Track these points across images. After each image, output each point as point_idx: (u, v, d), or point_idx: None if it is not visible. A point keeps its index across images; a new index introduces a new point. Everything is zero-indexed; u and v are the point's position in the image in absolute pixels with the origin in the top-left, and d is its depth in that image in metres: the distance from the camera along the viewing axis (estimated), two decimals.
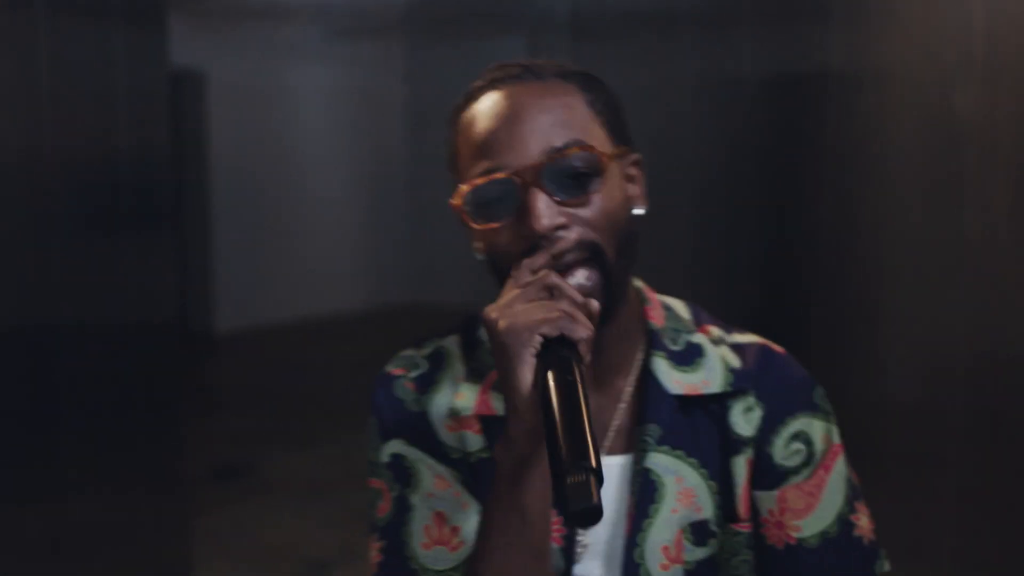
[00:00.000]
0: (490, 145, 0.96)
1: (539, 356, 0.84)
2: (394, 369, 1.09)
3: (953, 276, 2.50)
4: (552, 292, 0.87)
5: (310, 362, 6.96)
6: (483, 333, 1.09)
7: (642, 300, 1.09)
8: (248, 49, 7.74)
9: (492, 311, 0.87)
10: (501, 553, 0.92)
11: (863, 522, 1.05)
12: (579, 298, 0.87)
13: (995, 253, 2.45)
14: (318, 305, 8.36)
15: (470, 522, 1.02)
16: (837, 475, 1.04)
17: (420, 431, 1.06)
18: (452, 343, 1.11)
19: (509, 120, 0.96)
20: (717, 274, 3.44)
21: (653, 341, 1.06)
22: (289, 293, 8.30)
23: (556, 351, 0.83)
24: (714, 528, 1.04)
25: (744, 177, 3.24)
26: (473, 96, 1.02)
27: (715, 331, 1.10)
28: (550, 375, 0.81)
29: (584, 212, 0.95)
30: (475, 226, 0.97)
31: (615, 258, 0.97)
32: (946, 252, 2.52)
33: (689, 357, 1.06)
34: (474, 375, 1.06)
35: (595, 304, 0.88)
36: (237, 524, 3.99)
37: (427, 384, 1.07)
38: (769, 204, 3.09)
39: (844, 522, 1.03)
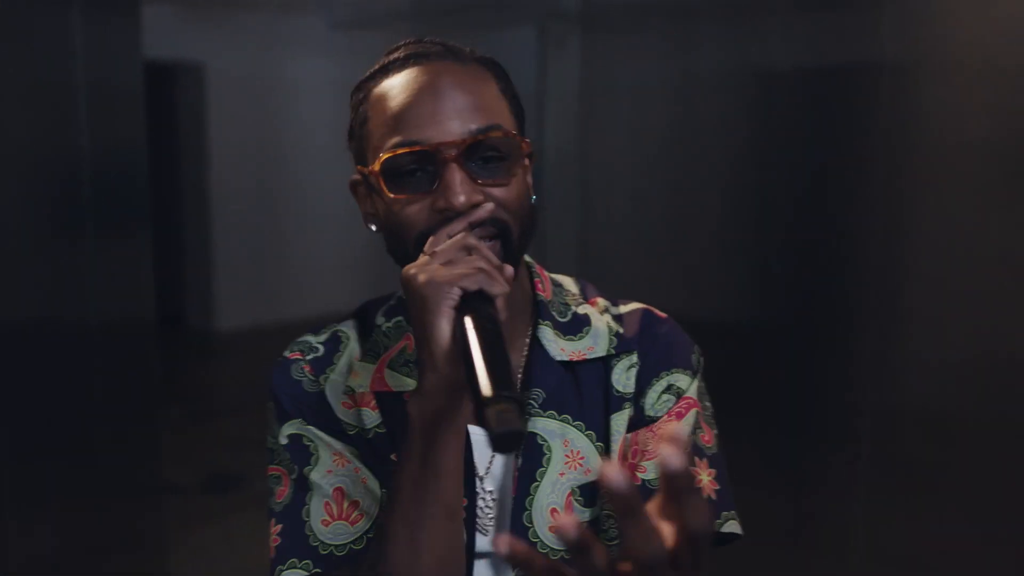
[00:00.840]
0: (411, 119, 0.97)
1: (457, 310, 0.87)
2: (291, 354, 1.13)
3: (999, 282, 2.41)
4: (470, 252, 0.91)
5: None
6: (379, 318, 1.14)
7: (532, 275, 1.13)
8: (249, 40, 7.55)
9: (411, 268, 0.91)
10: (414, 510, 0.93)
11: (703, 479, 1.05)
12: (495, 260, 0.91)
13: None
14: (320, 303, 8.18)
15: (369, 497, 1.05)
16: (686, 425, 1.06)
17: (317, 410, 1.08)
18: (348, 327, 1.15)
19: (431, 96, 0.98)
20: (743, 273, 3.31)
21: (541, 312, 1.11)
22: (291, 291, 8.12)
23: (474, 305, 0.86)
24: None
25: (773, 173, 3.10)
26: (389, 69, 1.03)
27: (601, 302, 1.15)
28: (468, 320, 0.84)
29: (498, 193, 0.99)
30: (389, 196, 0.99)
31: (519, 239, 1.01)
32: (992, 256, 2.41)
33: (576, 327, 1.10)
34: (369, 355, 1.11)
35: (510, 269, 0.92)
36: (223, 540, 3.79)
37: (323, 365, 1.11)
38: (796, 202, 2.96)
39: (694, 446, 1.06)
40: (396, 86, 1.01)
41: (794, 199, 2.99)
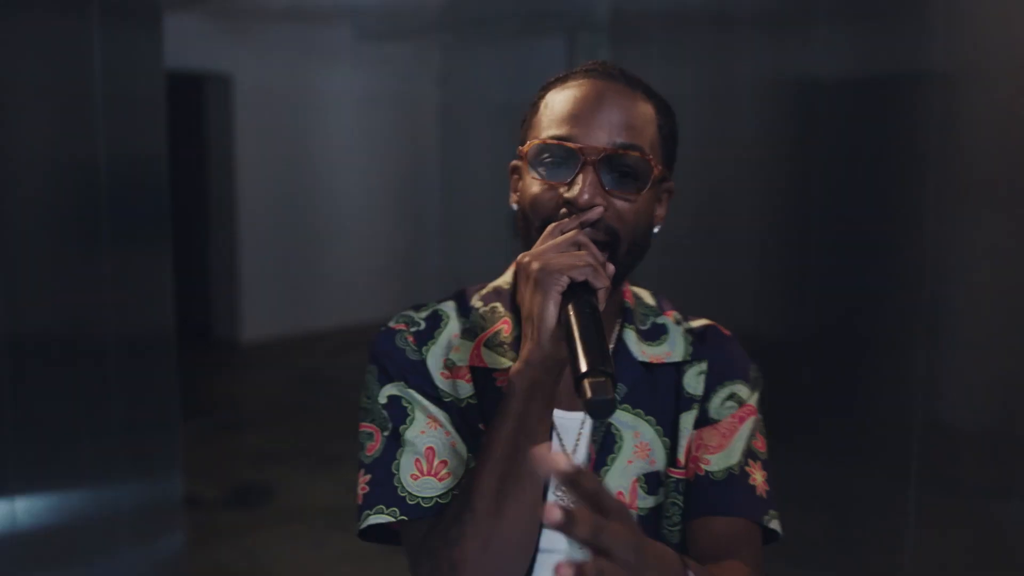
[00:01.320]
0: (569, 118, 1.11)
1: (564, 295, 0.99)
2: (395, 324, 1.23)
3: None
4: (580, 247, 1.03)
5: (338, 376, 6.72)
6: (475, 302, 1.25)
7: (620, 284, 1.24)
8: (277, 52, 7.54)
9: (526, 256, 1.05)
10: (505, 465, 1.03)
11: (757, 478, 1.19)
12: (601, 257, 1.04)
13: None
14: (347, 314, 8.15)
15: (456, 459, 1.15)
16: (746, 429, 1.21)
17: (418, 376, 1.19)
18: (448, 307, 1.25)
19: (593, 104, 1.12)
20: (781, 282, 3.25)
21: (627, 317, 1.24)
22: (317, 302, 8.10)
23: (578, 294, 0.99)
24: (664, 479, 1.19)
25: (812, 185, 3.04)
26: (568, 78, 1.17)
27: (675, 315, 1.29)
28: (571, 306, 0.97)
29: (619, 205, 1.10)
30: (529, 175, 1.13)
31: (626, 254, 1.12)
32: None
33: (655, 334, 1.24)
34: (468, 334, 1.22)
35: (612, 267, 1.06)
36: (246, 555, 3.73)
37: (425, 338, 1.22)
38: (838, 214, 2.90)
39: (743, 468, 1.18)
40: (568, 89, 1.15)
41: (836, 212, 2.93)
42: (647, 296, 1.31)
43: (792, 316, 3.18)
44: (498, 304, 1.24)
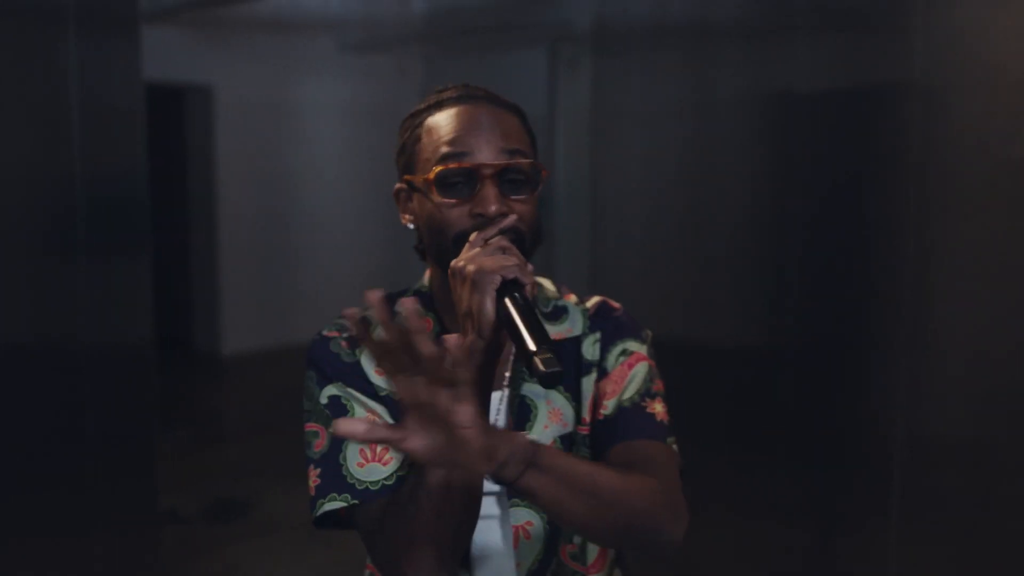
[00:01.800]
0: (458, 141, 1.27)
1: (497, 291, 1.16)
2: (328, 332, 1.40)
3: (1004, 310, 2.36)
4: (504, 252, 1.19)
5: None
6: (400, 307, 1.26)
7: None
8: (258, 63, 7.52)
9: (460, 260, 1.20)
10: None
11: (657, 408, 1.35)
12: (523, 259, 1.20)
13: None
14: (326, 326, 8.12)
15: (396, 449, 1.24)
16: (637, 372, 1.38)
17: (354, 376, 1.35)
18: (373, 313, 1.30)
19: (475, 125, 1.29)
20: (759, 296, 3.25)
21: None
22: (298, 315, 8.06)
23: (510, 289, 1.16)
24: (575, 438, 1.37)
25: (792, 195, 3.05)
26: (442, 104, 1.33)
27: (574, 297, 1.47)
28: (508, 300, 1.15)
29: (519, 207, 1.27)
30: (438, 198, 1.27)
31: (531, 246, 1.29)
32: (1013, 278, 2.36)
33: (557, 315, 1.43)
34: None
35: (531, 266, 1.21)
36: (230, 569, 3.70)
37: (357, 343, 1.37)
38: (817, 224, 2.91)
39: (636, 404, 1.34)
40: (448, 116, 1.31)
41: (815, 221, 2.94)
42: (548, 283, 1.50)
43: (769, 326, 3.19)
44: (420, 306, 1.31)
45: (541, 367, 1.06)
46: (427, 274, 1.45)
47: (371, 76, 8.33)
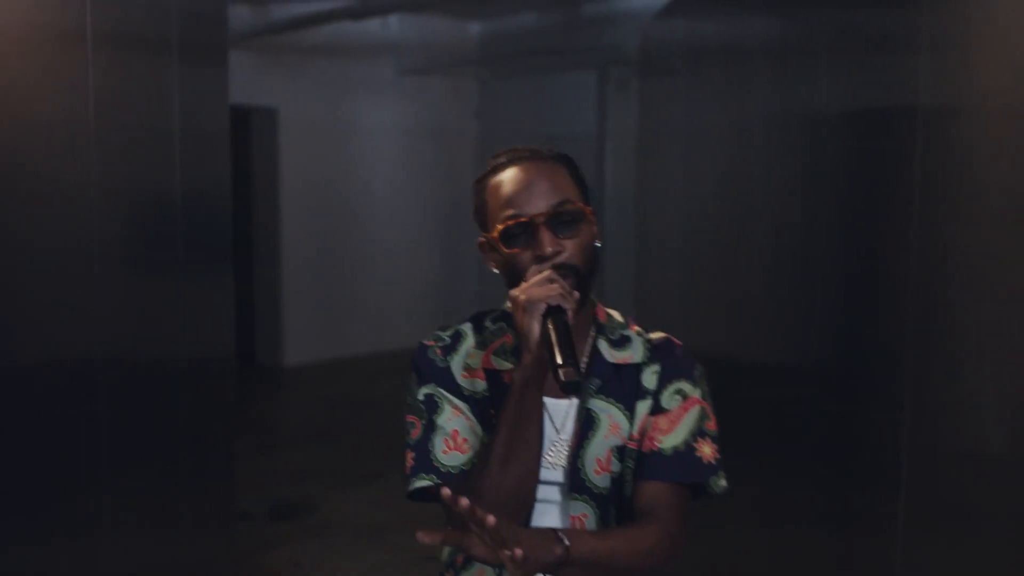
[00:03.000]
0: (514, 200, 1.54)
1: (544, 315, 1.42)
2: (427, 341, 1.67)
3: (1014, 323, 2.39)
4: (552, 281, 1.45)
5: (376, 399, 6.92)
6: (487, 323, 1.69)
7: (594, 306, 1.66)
8: (320, 86, 7.80)
9: (515, 291, 1.46)
10: (509, 440, 1.47)
11: (705, 450, 1.59)
12: (567, 287, 1.46)
13: None
14: (383, 341, 8.34)
15: (475, 437, 1.59)
16: (691, 416, 1.60)
17: (445, 379, 1.63)
18: (466, 328, 1.69)
19: (526, 184, 1.55)
20: (795, 312, 3.34)
21: (600, 330, 1.66)
22: (357, 328, 8.30)
23: (555, 314, 1.42)
24: (627, 450, 1.60)
25: (823, 213, 3.15)
26: (497, 169, 1.59)
27: (638, 329, 1.69)
28: (549, 322, 1.41)
29: (570, 244, 1.53)
30: (506, 251, 1.54)
31: (586, 275, 1.54)
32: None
33: (622, 343, 1.65)
34: (481, 345, 1.65)
35: (577, 294, 1.47)
36: (293, 564, 3.93)
37: (450, 350, 1.65)
38: (850, 242, 3.00)
39: (689, 445, 1.58)
40: (503, 179, 1.56)
41: (838, 241, 3.02)
42: (617, 315, 1.71)
43: (798, 342, 3.30)
44: (504, 323, 1.66)
45: (562, 376, 1.34)
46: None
47: (428, 98, 8.59)
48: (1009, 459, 2.46)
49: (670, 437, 1.57)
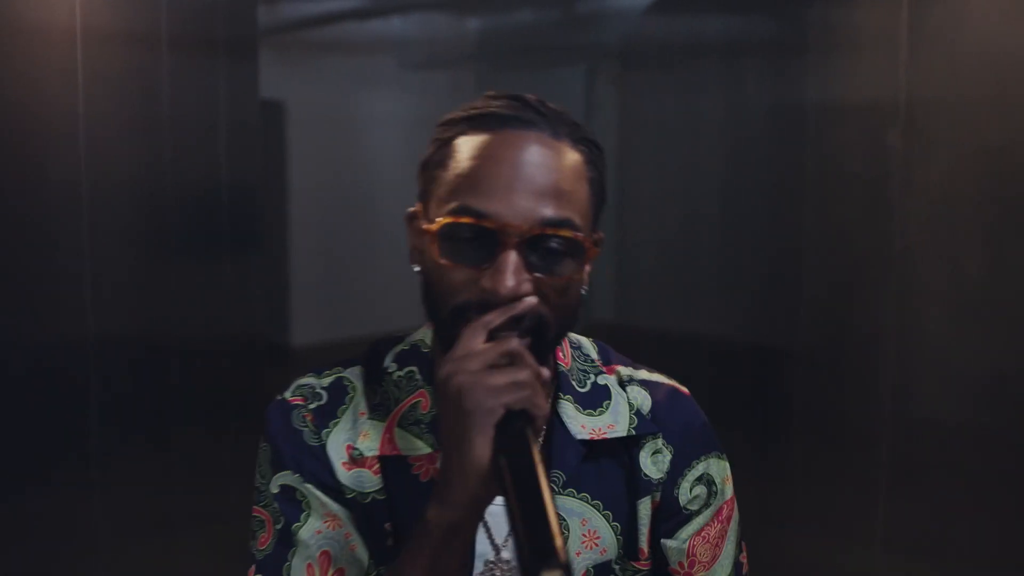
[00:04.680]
0: (482, 186, 0.93)
1: (497, 426, 0.82)
2: (292, 398, 1.08)
3: (980, 306, 2.51)
4: (513, 359, 0.86)
5: None
6: (389, 363, 1.08)
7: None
8: (326, 80, 8.13)
9: (449, 367, 0.85)
10: None
11: (744, 557, 1.13)
12: (537, 369, 0.87)
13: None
14: (387, 323, 8.67)
15: (355, 566, 1.01)
16: (735, 524, 1.11)
17: (315, 466, 1.03)
18: (354, 375, 1.10)
19: (513, 167, 0.93)
20: (779, 297, 3.49)
21: (561, 385, 1.06)
22: (360, 311, 8.64)
23: (514, 424, 0.82)
24: (616, 568, 1.06)
25: (804, 200, 3.27)
26: (482, 123, 1.00)
27: (623, 371, 1.10)
28: (504, 460, 0.80)
29: (549, 289, 0.94)
30: (439, 259, 0.97)
31: (554, 339, 0.97)
32: (976, 283, 2.51)
33: (595, 399, 1.05)
34: (377, 412, 1.05)
35: (547, 372, 0.89)
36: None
37: (327, 417, 1.05)
38: (826, 233, 3.10)
39: (737, 565, 1.11)
40: (480, 144, 0.98)
41: (823, 231, 3.13)
42: (588, 347, 1.13)
43: (788, 326, 3.43)
44: (415, 369, 1.08)
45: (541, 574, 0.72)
46: (429, 327, 1.14)
47: (428, 91, 8.91)
48: (975, 426, 2.62)
49: (716, 568, 1.09)
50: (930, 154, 2.68)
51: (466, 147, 0.98)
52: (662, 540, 1.07)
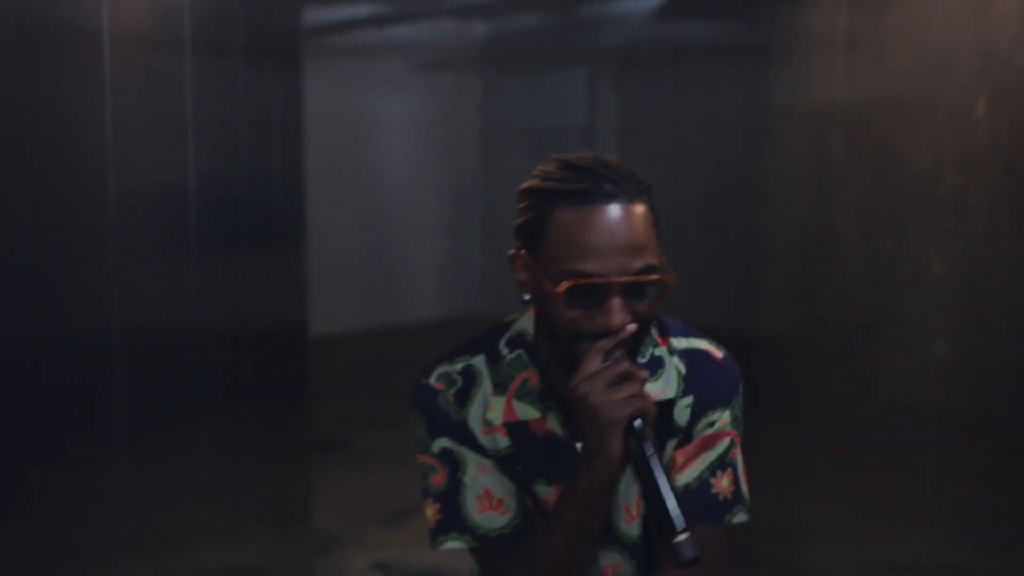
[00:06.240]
0: (589, 253, 1.22)
1: (624, 428, 1.20)
2: (436, 384, 1.40)
3: (948, 294, 2.50)
4: (629, 377, 1.22)
5: (396, 361, 7.60)
6: (502, 348, 1.41)
7: None
8: (339, 82, 8.42)
9: (581, 384, 1.20)
10: (571, 539, 1.28)
11: (722, 484, 1.39)
12: (642, 376, 1.24)
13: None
14: (402, 313, 8.99)
15: (509, 495, 1.38)
16: (714, 452, 1.39)
17: (462, 434, 1.38)
18: (479, 361, 1.41)
19: (608, 236, 1.22)
20: (769, 288, 3.54)
21: (628, 353, 1.30)
22: (376, 302, 8.95)
23: (634, 426, 1.20)
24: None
25: (775, 199, 3.37)
26: (574, 199, 1.24)
27: (674, 342, 1.42)
28: (632, 449, 1.20)
29: (640, 315, 1.25)
30: (566, 314, 1.24)
31: (640, 340, 1.29)
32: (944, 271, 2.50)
33: (653, 368, 1.39)
34: (499, 389, 1.38)
35: (645, 374, 1.29)
36: (341, 481, 4.78)
37: (464, 399, 1.38)
38: (817, 228, 3.12)
39: (704, 481, 1.38)
40: (579, 220, 1.23)
41: (812, 226, 3.18)
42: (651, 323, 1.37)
43: (781, 315, 3.50)
44: (522, 352, 1.39)
45: (685, 551, 1.14)
46: (531, 317, 1.42)
47: (436, 93, 9.17)
48: (904, 406, 2.69)
49: (684, 475, 1.37)
50: (869, 158, 2.76)
51: (568, 223, 1.24)
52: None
